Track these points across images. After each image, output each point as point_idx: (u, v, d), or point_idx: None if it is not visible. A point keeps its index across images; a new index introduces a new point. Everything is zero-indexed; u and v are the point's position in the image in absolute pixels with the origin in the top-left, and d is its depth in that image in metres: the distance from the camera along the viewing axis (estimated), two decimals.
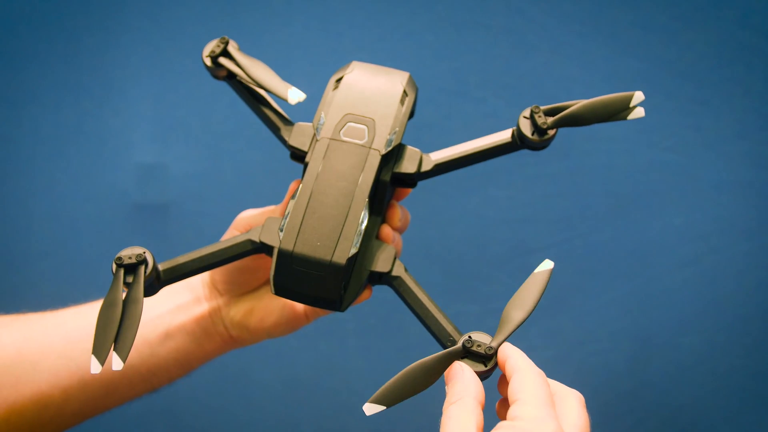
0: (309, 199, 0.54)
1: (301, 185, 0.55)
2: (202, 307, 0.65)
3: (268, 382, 0.97)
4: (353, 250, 0.53)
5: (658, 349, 1.00)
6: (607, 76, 1.00)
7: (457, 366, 0.50)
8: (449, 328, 0.55)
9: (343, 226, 0.53)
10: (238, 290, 0.65)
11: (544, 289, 0.52)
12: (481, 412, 0.48)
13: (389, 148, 0.57)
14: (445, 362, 0.50)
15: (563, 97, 0.99)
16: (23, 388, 0.62)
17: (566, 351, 0.98)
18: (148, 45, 0.96)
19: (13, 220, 0.97)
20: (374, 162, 0.56)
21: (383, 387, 0.48)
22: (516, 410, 0.47)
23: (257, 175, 0.98)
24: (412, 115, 0.60)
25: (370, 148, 0.56)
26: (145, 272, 0.53)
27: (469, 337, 0.52)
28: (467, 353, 0.51)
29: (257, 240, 0.55)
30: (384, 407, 0.48)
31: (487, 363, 0.51)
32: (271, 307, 0.64)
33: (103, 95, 0.97)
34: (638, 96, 0.55)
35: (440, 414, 0.49)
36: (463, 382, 0.49)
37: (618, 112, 0.56)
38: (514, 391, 0.48)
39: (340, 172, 0.55)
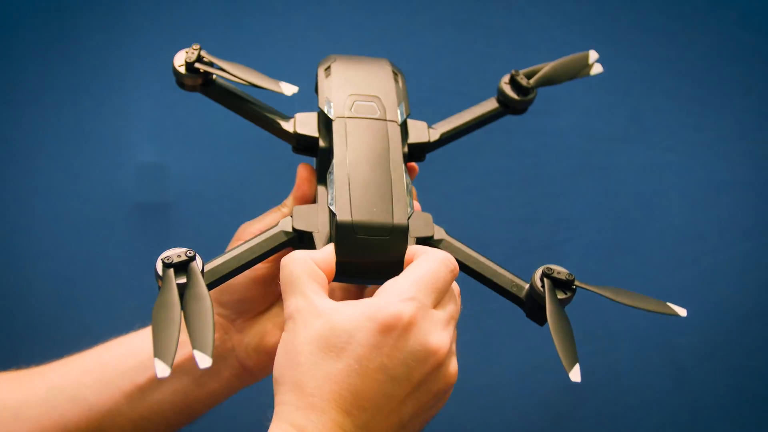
0: (348, 175, 0.53)
1: (333, 164, 0.54)
2: None
3: (269, 382, 0.97)
4: (410, 210, 0.53)
5: (658, 349, 1.00)
6: (607, 76, 1.00)
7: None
8: (509, 275, 0.56)
9: (392, 190, 0.53)
10: (253, 309, 0.61)
11: None
12: (322, 274, 0.49)
13: (402, 119, 0.58)
14: (554, 297, 0.52)
15: (563, 96, 0.99)
16: None
17: None
18: (148, 45, 0.96)
19: (13, 220, 0.97)
20: (395, 132, 0.56)
21: (559, 351, 0.50)
22: (387, 284, 0.48)
23: (257, 174, 0.98)
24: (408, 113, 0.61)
25: (386, 120, 0.57)
26: (199, 268, 0.49)
27: (549, 267, 0.53)
28: (551, 281, 0.53)
29: (290, 230, 0.54)
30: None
31: (567, 291, 0.53)
32: None
33: (103, 95, 0.97)
34: (593, 54, 0.67)
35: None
36: (317, 249, 0.51)
37: (581, 68, 0.66)
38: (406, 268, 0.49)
39: (368, 145, 0.55)
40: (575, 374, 0.49)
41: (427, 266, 0.48)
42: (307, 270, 0.48)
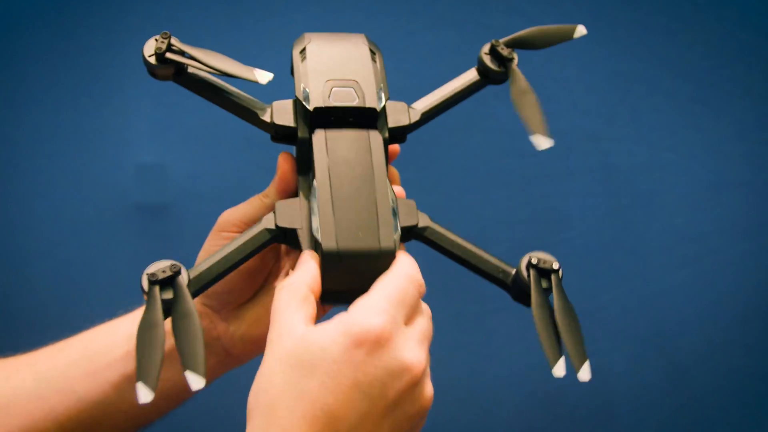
0: (331, 198, 0.51)
1: (315, 185, 0.52)
2: None
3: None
4: (397, 232, 0.51)
5: (658, 349, 1.00)
6: (607, 76, 1.00)
7: (306, 253, 0.50)
8: (495, 260, 0.56)
9: (377, 210, 0.50)
10: (237, 300, 0.60)
11: None
12: (314, 301, 0.48)
13: (382, 104, 0.55)
14: (540, 288, 0.52)
15: (563, 96, 0.99)
16: None
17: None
18: None
19: (13, 221, 0.97)
20: (377, 141, 0.54)
21: (544, 346, 0.49)
22: (358, 301, 0.47)
23: (257, 174, 0.98)
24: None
25: (365, 107, 0.54)
26: (185, 282, 0.49)
27: (535, 257, 0.53)
28: (537, 271, 0.53)
29: (273, 227, 0.52)
30: None
31: (549, 281, 0.53)
32: None
33: (103, 95, 0.97)
34: (580, 30, 0.63)
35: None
36: (303, 268, 0.49)
37: (563, 37, 0.64)
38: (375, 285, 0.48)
39: (351, 161, 0.52)
40: (559, 369, 0.49)
41: (394, 283, 0.47)
42: (300, 296, 0.47)
